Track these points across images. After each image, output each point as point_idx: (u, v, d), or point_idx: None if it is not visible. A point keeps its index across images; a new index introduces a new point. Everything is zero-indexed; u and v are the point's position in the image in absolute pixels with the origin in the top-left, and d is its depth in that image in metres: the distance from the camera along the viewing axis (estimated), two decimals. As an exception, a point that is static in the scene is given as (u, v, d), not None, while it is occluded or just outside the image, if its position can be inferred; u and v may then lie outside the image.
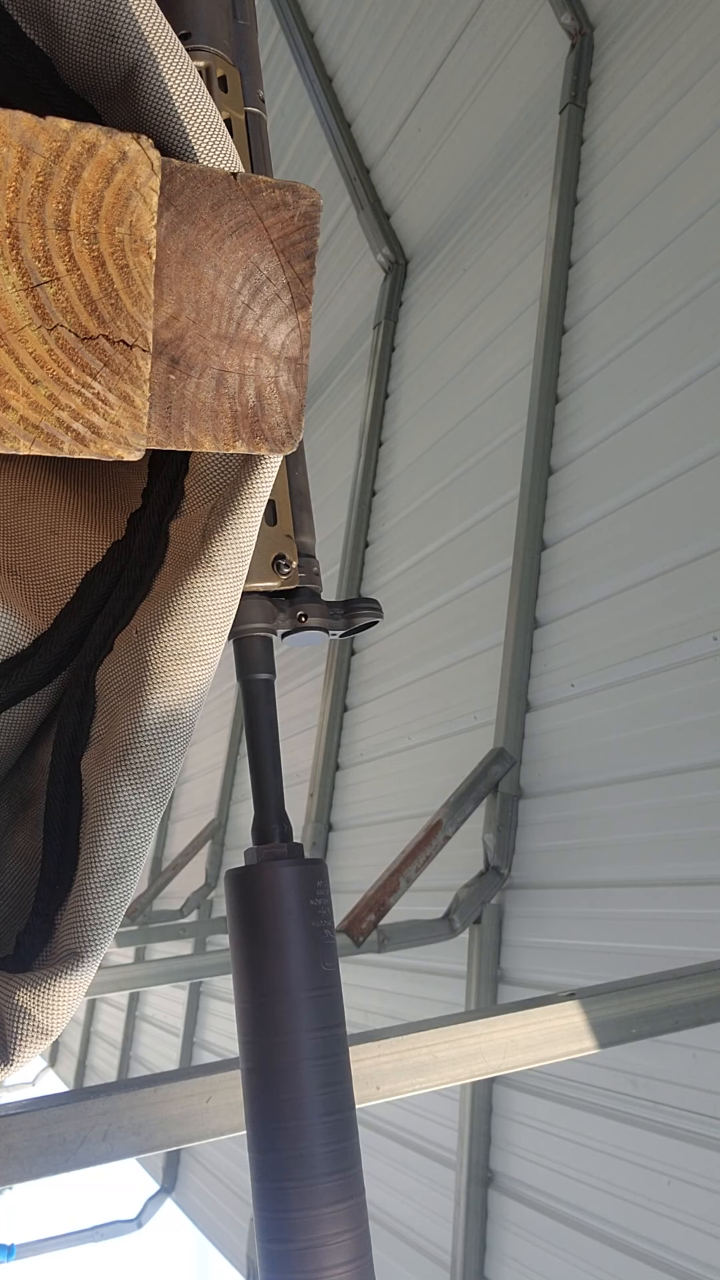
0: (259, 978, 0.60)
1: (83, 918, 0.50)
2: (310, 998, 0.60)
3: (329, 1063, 0.59)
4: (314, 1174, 0.57)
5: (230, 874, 0.63)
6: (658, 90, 2.95)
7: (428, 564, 3.60)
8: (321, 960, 0.61)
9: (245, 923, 0.61)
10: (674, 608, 2.29)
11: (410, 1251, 2.67)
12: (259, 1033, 0.59)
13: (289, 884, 0.61)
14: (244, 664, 0.73)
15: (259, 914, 0.60)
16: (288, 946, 0.60)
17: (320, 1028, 0.59)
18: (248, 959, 0.61)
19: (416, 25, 4.13)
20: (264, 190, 0.43)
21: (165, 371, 0.42)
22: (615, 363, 2.79)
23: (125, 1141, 0.87)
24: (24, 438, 0.37)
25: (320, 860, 0.64)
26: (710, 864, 2.02)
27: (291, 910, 0.61)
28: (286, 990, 0.59)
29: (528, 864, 2.56)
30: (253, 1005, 0.59)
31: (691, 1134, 1.91)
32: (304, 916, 0.61)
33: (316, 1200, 0.56)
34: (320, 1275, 0.55)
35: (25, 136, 0.36)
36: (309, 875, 0.62)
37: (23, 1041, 0.46)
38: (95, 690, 0.55)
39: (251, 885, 0.61)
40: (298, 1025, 0.59)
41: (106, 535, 0.61)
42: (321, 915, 0.62)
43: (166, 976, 2.73)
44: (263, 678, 0.72)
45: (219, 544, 0.52)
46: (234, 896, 0.62)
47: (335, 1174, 0.57)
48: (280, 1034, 0.58)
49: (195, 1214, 4.32)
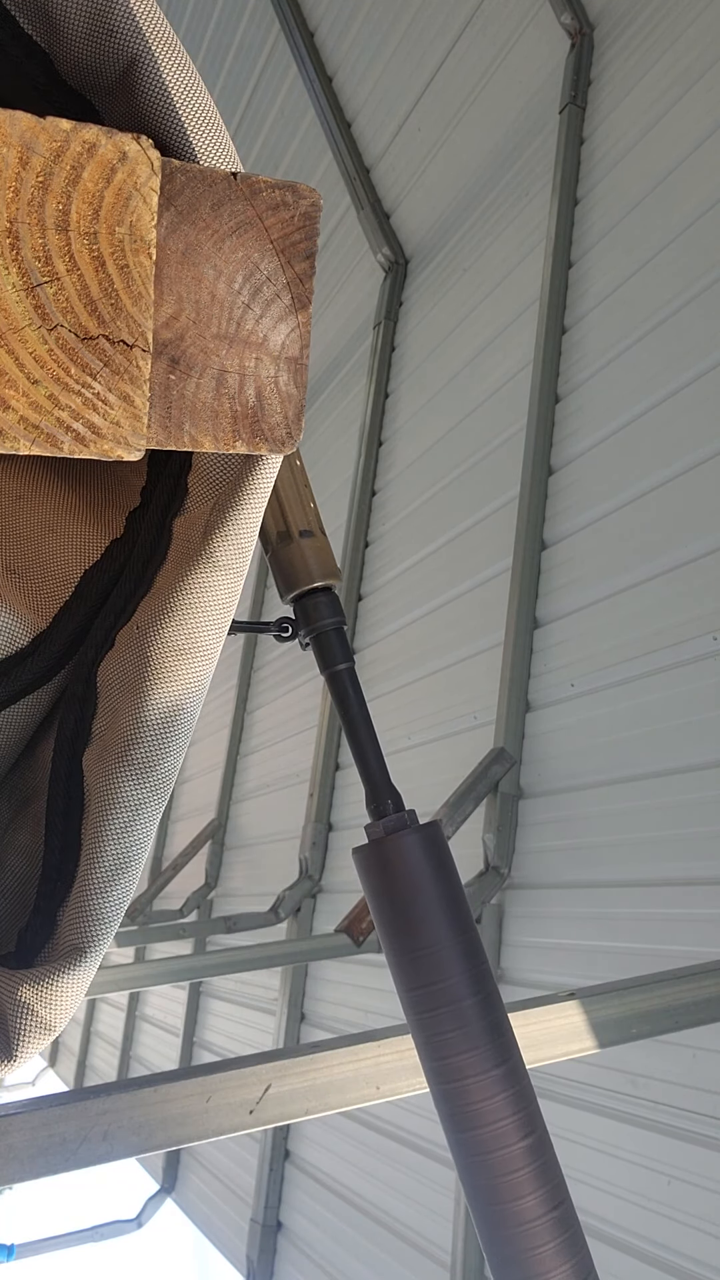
0: (409, 934, 0.67)
1: (85, 913, 0.50)
2: (457, 942, 0.67)
3: (484, 1000, 0.66)
4: (485, 1069, 0.65)
5: (359, 851, 0.71)
6: (658, 90, 2.95)
7: (428, 564, 3.60)
8: (457, 906, 0.68)
9: (384, 890, 0.68)
10: (674, 608, 2.29)
11: (410, 1251, 2.67)
12: (422, 980, 0.66)
13: (413, 849, 0.69)
14: (326, 658, 0.80)
15: (395, 880, 0.68)
16: (427, 903, 0.67)
17: (471, 967, 0.67)
18: (394, 920, 0.68)
19: (416, 25, 4.13)
20: (264, 190, 0.43)
21: (165, 371, 0.42)
22: (615, 363, 2.79)
23: (125, 1141, 0.87)
24: (24, 438, 0.37)
25: (435, 822, 0.71)
26: (710, 864, 2.02)
27: (423, 871, 0.68)
28: (436, 941, 0.67)
29: (528, 864, 2.56)
30: (409, 959, 0.67)
31: (691, 1134, 1.91)
32: (434, 873, 0.68)
33: (489, 1091, 0.65)
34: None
35: (25, 136, 0.36)
36: (429, 838, 0.70)
37: (26, 1037, 0.46)
38: (97, 687, 0.55)
39: (382, 857, 0.69)
40: (452, 969, 0.66)
41: (105, 533, 0.61)
42: (447, 867, 0.69)
43: (166, 976, 2.73)
44: (345, 667, 0.78)
45: (220, 539, 0.53)
46: (368, 870, 0.70)
47: (502, 1065, 0.66)
48: (442, 978, 0.66)
49: (195, 1214, 4.32)
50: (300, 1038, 3.59)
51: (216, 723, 5.56)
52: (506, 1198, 0.62)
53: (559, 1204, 0.63)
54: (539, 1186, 0.62)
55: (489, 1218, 0.62)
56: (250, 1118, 0.93)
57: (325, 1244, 3.12)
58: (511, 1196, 0.62)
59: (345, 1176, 3.10)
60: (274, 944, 3.12)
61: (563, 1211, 0.63)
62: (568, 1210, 0.63)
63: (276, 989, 3.80)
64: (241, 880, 4.75)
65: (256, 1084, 0.94)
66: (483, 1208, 0.63)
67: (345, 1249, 2.99)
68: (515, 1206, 0.62)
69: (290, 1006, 3.61)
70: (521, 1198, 0.62)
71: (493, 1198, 0.62)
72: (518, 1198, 0.62)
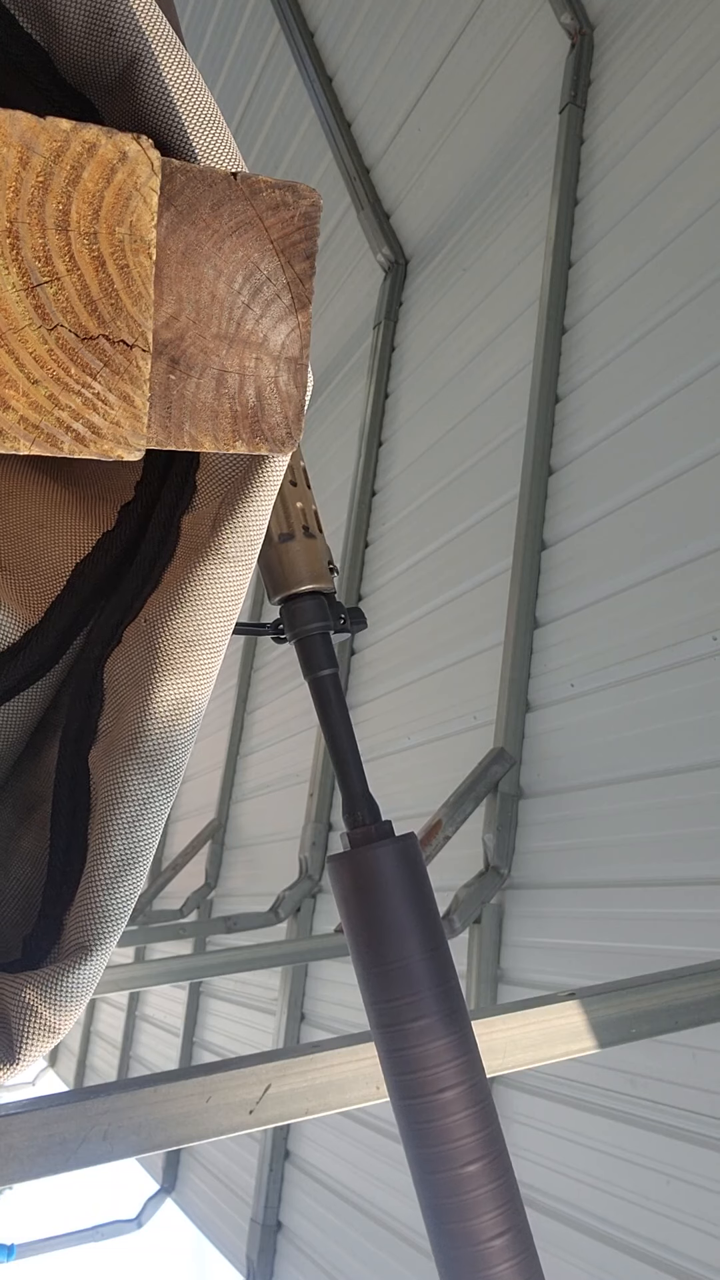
0: (377, 947, 0.66)
1: (91, 910, 0.49)
2: (426, 958, 0.66)
3: (448, 1017, 0.65)
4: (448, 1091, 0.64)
5: (332, 860, 0.70)
6: (658, 90, 2.95)
7: (428, 564, 3.60)
8: (428, 921, 0.67)
9: (355, 901, 0.67)
10: (674, 608, 2.29)
11: (410, 1251, 2.67)
12: (389, 994, 0.65)
13: (385, 861, 0.68)
14: (310, 663, 0.78)
15: (366, 892, 0.67)
16: (398, 916, 0.66)
17: (439, 983, 0.65)
18: (362, 932, 0.67)
19: (416, 25, 4.13)
20: (264, 190, 0.43)
21: (165, 371, 0.42)
22: (615, 363, 2.79)
23: (125, 1141, 0.87)
24: (24, 438, 0.37)
25: (411, 834, 0.70)
26: (710, 864, 2.02)
27: (394, 883, 0.67)
28: (405, 956, 0.66)
29: (528, 864, 2.56)
30: (376, 972, 0.66)
31: (691, 1134, 1.91)
32: (405, 886, 0.67)
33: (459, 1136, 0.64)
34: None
35: (25, 136, 0.36)
36: (402, 850, 0.68)
37: (30, 1040, 0.46)
38: (104, 683, 0.55)
39: (354, 868, 0.68)
40: (420, 985, 0.65)
41: (96, 527, 0.60)
42: (420, 881, 0.68)
43: (166, 976, 2.72)
44: (329, 673, 0.77)
45: (229, 531, 0.53)
46: (340, 879, 0.69)
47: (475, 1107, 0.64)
48: (408, 993, 0.65)
49: (195, 1214, 4.32)
50: (300, 1038, 3.59)
51: (216, 723, 5.56)
52: (462, 1217, 0.61)
53: (514, 1226, 0.62)
54: (495, 1207, 0.61)
55: (444, 1236, 0.62)
56: (250, 1118, 0.93)
57: (325, 1244, 3.12)
58: (467, 1216, 0.61)
59: (345, 1176, 3.10)
60: (274, 944, 3.12)
61: (517, 1233, 0.62)
62: (523, 1232, 0.62)
63: (276, 989, 3.80)
64: (241, 880, 4.75)
65: (256, 1084, 0.94)
66: (438, 1226, 0.62)
67: (345, 1249, 2.99)
68: (471, 1225, 0.61)
69: (290, 1006, 3.61)
70: (477, 1217, 0.61)
71: (448, 1216, 0.61)
72: (473, 1217, 0.61)
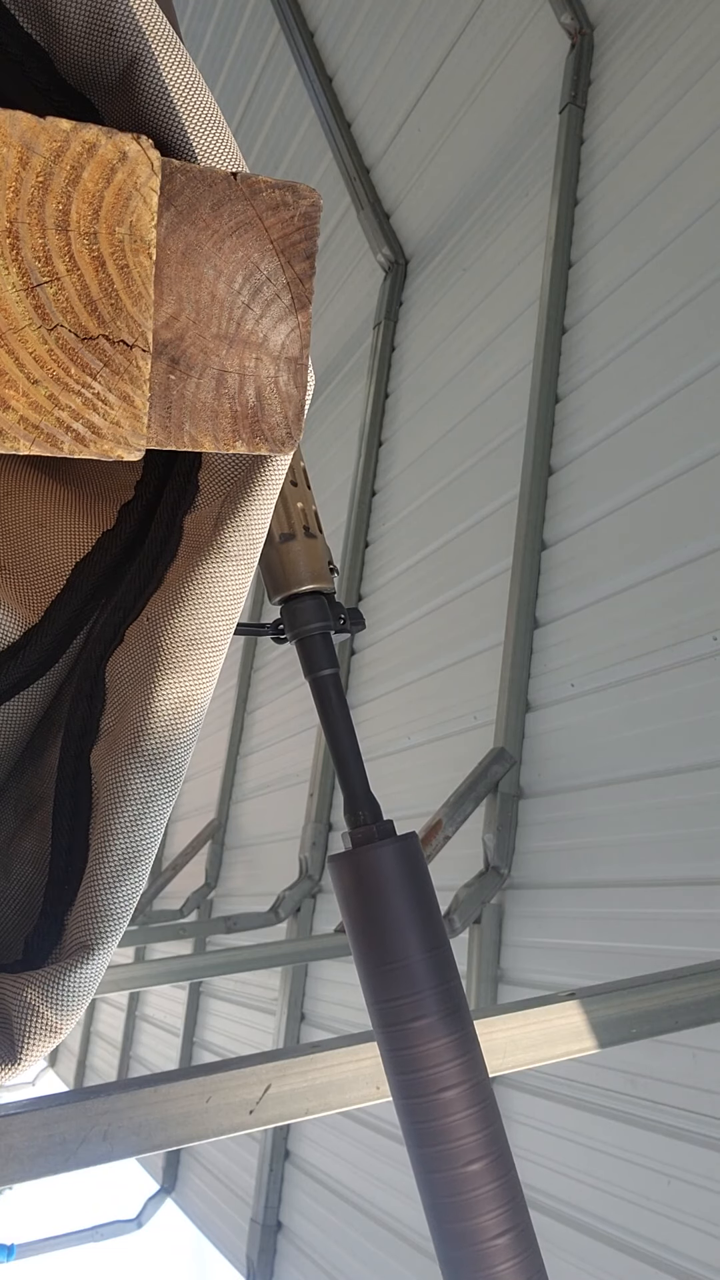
0: (379, 947, 0.66)
1: (93, 909, 0.49)
2: (428, 957, 0.66)
3: (451, 1016, 0.65)
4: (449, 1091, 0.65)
5: (334, 859, 0.70)
6: (658, 90, 2.95)
7: (428, 564, 3.60)
8: (429, 920, 0.67)
9: (357, 900, 0.68)
10: (674, 608, 2.29)
11: (410, 1251, 2.67)
12: (391, 994, 0.65)
13: (386, 861, 0.68)
14: (311, 662, 0.78)
15: (367, 891, 0.67)
16: (399, 916, 0.66)
17: (440, 983, 0.66)
18: (364, 931, 0.67)
19: (416, 25, 4.13)
20: (264, 190, 0.43)
21: (165, 371, 0.42)
22: (615, 363, 2.79)
23: (125, 1141, 0.87)
24: (24, 438, 0.37)
25: (412, 834, 0.70)
26: (710, 864, 2.02)
27: (396, 882, 0.67)
28: (406, 955, 0.66)
29: (528, 864, 2.56)
30: (378, 971, 0.66)
31: (691, 1134, 1.91)
32: (406, 886, 0.67)
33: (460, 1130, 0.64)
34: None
35: (25, 136, 0.36)
36: (403, 850, 0.69)
37: (31, 1040, 0.45)
38: (106, 683, 0.55)
39: (356, 867, 0.68)
40: (421, 984, 0.65)
41: (96, 526, 0.60)
42: (421, 880, 0.69)
43: (166, 976, 2.73)
44: (330, 673, 0.77)
45: (231, 530, 0.53)
46: (341, 879, 0.69)
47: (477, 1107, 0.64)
48: (410, 993, 0.65)
49: (195, 1214, 4.32)
50: (300, 1038, 3.59)
51: (216, 723, 5.56)
52: (464, 1216, 0.61)
53: (516, 1225, 0.62)
54: (498, 1206, 0.61)
55: (446, 1235, 0.62)
56: (250, 1118, 0.93)
57: (325, 1244, 3.12)
58: (469, 1215, 0.61)
59: (345, 1176, 3.10)
60: (274, 944, 3.12)
61: (519, 1232, 0.62)
62: (525, 1231, 0.62)
63: (276, 989, 3.80)
64: (241, 880, 4.75)
65: (256, 1084, 0.94)
66: (440, 1225, 0.62)
67: (345, 1249, 2.99)
68: (473, 1224, 0.61)
69: (290, 1006, 3.61)
70: (479, 1216, 0.61)
71: (450, 1215, 0.61)
72: (475, 1216, 0.61)
